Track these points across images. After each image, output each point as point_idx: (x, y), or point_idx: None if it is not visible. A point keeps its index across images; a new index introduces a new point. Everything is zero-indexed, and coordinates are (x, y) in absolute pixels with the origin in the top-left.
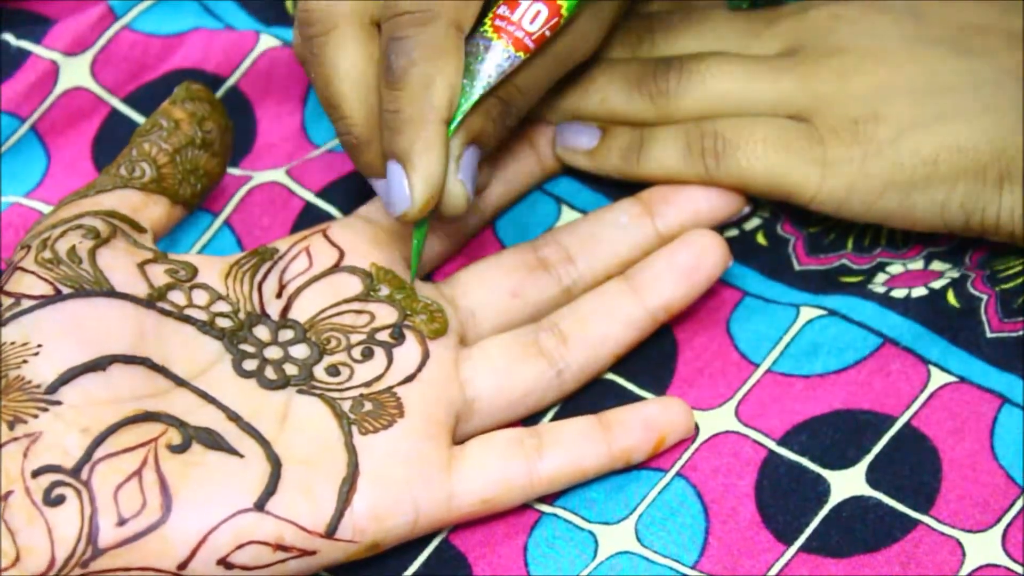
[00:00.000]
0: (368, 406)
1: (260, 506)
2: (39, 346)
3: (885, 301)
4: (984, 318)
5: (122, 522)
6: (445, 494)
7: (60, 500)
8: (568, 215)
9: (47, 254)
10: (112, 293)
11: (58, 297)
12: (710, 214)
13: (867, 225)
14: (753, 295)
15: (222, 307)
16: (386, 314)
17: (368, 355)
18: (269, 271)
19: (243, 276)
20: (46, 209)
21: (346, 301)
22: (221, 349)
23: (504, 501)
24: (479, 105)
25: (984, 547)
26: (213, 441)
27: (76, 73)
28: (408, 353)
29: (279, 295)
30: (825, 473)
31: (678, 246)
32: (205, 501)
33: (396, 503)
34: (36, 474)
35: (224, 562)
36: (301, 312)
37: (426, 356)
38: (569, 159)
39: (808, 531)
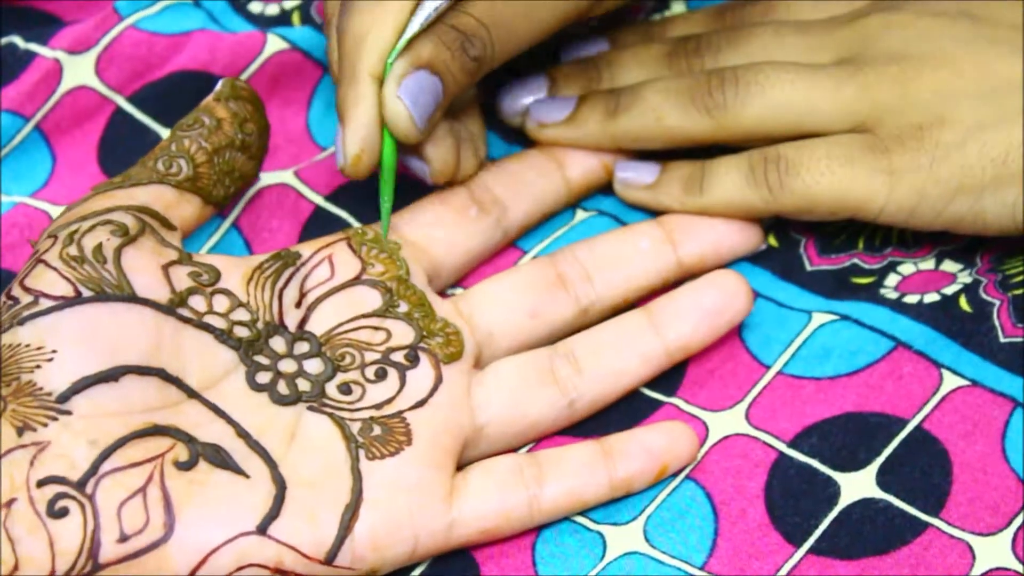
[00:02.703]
0: (377, 430)
1: (262, 529)
2: (54, 351)
3: (897, 307)
4: (997, 323)
5: (124, 538)
6: (445, 524)
7: (63, 512)
8: (581, 216)
9: (73, 250)
10: (132, 298)
11: (77, 300)
12: (731, 247)
13: (877, 225)
14: (765, 296)
15: (241, 315)
16: (403, 333)
17: (381, 376)
18: (291, 278)
19: (265, 282)
20: (52, 209)
21: (364, 316)
22: (236, 359)
23: (503, 531)
24: (431, 32)
25: (994, 550)
26: (220, 459)
27: (80, 72)
28: (421, 377)
29: (299, 304)
30: (835, 475)
31: (704, 286)
32: (208, 521)
33: (396, 532)
34: (41, 484)
35: None
36: (319, 324)
37: (439, 381)
38: (629, 195)
39: (817, 533)
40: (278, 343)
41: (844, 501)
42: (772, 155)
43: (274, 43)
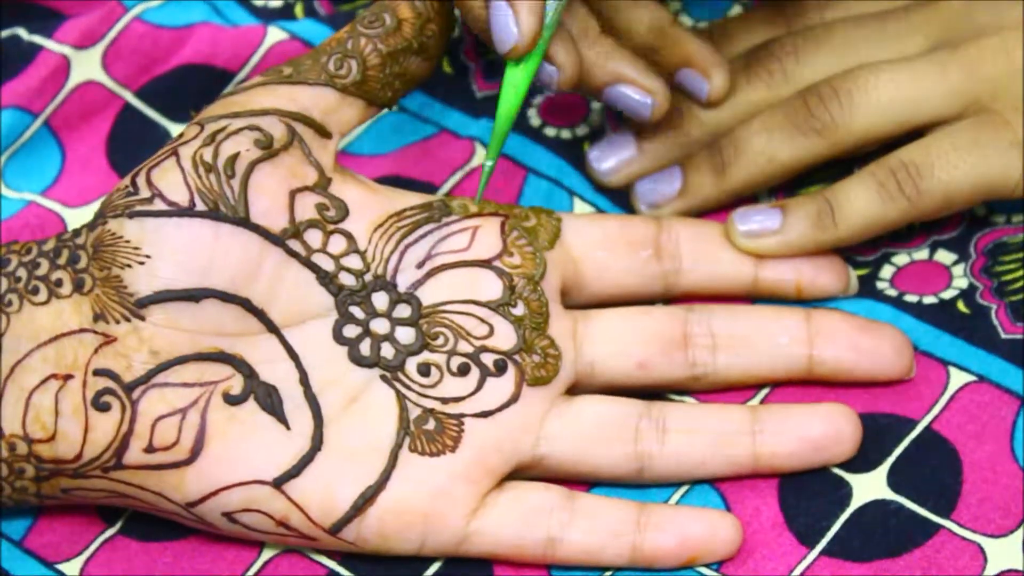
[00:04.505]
0: (431, 424)
1: (278, 484)
2: (148, 256)
3: (900, 305)
4: (996, 322)
5: (151, 450)
6: (457, 538)
7: (106, 407)
8: (580, 207)
9: (208, 154)
10: (243, 222)
11: (188, 211)
12: (870, 368)
13: None
14: None
15: (353, 262)
16: (505, 336)
17: (463, 372)
18: (426, 234)
19: (396, 232)
20: (62, 209)
21: (476, 303)
22: (331, 305)
23: (512, 560)
24: None
25: (1005, 552)
26: (269, 404)
27: (88, 67)
28: (499, 388)
29: (420, 265)
30: (847, 476)
31: (818, 418)
32: (232, 461)
33: (405, 531)
34: (97, 373)
35: (229, 516)
36: (430, 293)
37: (513, 400)
38: (756, 246)
39: (830, 534)
40: (380, 300)
41: (856, 502)
42: (896, 165)
43: (274, 34)
